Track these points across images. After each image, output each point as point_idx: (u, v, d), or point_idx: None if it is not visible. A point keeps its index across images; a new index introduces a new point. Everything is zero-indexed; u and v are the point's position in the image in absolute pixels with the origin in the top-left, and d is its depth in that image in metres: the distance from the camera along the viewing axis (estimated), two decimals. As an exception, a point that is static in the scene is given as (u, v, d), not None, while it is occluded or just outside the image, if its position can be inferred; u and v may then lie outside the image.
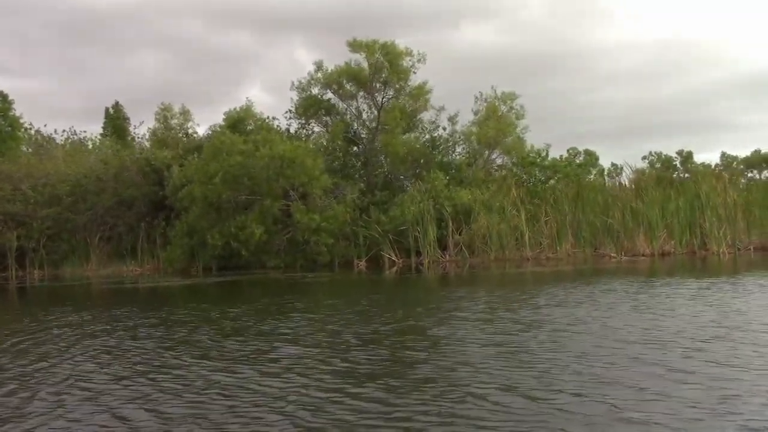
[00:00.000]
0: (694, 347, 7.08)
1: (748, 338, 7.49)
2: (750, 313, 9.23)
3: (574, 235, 22.22)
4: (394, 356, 7.43)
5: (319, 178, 23.26)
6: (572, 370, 6.25)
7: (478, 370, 6.40)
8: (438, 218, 23.78)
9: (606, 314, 9.71)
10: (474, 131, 27.18)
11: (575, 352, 7.02)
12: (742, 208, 22.60)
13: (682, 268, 18.16)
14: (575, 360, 6.68)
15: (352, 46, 26.22)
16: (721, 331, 7.99)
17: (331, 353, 7.64)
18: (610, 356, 6.80)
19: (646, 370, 6.14)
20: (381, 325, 9.53)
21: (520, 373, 6.21)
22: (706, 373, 5.97)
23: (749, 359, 6.46)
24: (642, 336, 7.86)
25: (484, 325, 9.24)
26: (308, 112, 27.43)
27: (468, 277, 19.11)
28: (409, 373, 6.56)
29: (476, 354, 7.23)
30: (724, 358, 6.49)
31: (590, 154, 53.22)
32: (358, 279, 20.01)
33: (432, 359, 7.13)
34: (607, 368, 6.31)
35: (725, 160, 58.44)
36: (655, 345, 7.29)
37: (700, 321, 8.79)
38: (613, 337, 7.86)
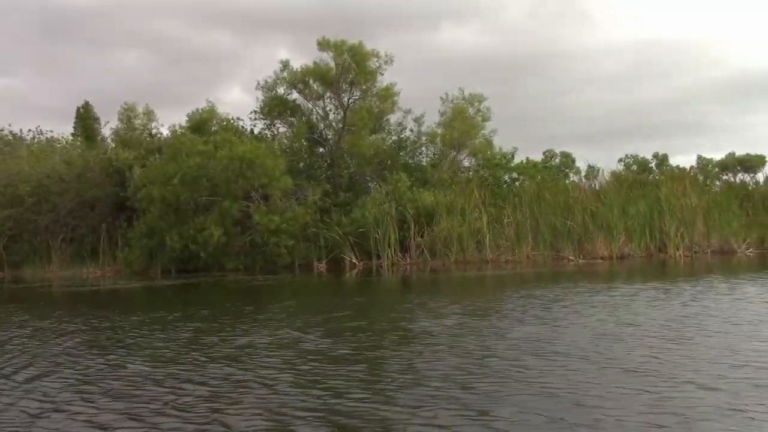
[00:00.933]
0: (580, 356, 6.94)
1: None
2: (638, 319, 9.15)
3: (534, 237, 22.09)
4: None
5: (280, 180, 23.04)
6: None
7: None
8: (401, 220, 23.63)
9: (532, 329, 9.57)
10: (439, 133, 27.03)
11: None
12: (703, 211, 22.57)
13: (628, 271, 18.17)
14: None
15: (320, 45, 26.02)
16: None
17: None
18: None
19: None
20: (322, 336, 9.29)
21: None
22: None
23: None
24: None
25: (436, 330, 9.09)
26: (273, 112, 27.18)
27: (424, 281, 19.03)
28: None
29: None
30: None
31: (566, 156, 53.18)
32: (312, 282, 19.84)
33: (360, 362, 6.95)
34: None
35: (700, 163, 58.54)
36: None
37: (573, 330, 8.67)
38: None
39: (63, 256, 26.63)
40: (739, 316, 9.26)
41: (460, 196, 23.31)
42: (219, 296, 16.58)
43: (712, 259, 20.98)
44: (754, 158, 56.57)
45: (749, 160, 56.95)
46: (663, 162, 60.23)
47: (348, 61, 25.77)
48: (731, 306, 10.29)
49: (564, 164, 52.22)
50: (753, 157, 56.69)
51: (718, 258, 21.22)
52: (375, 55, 26.18)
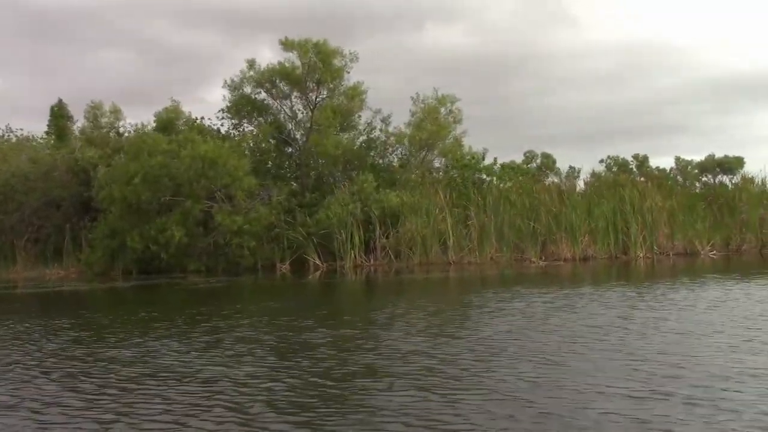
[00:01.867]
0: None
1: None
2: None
3: (498, 239, 21.92)
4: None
5: (243, 180, 22.77)
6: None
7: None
8: (367, 221, 23.41)
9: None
10: (407, 133, 26.82)
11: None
12: (668, 213, 22.46)
13: (581, 274, 18.08)
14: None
15: (284, 45, 25.73)
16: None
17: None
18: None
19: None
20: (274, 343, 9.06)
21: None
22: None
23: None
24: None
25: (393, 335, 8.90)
26: (241, 111, 26.88)
27: (380, 284, 18.91)
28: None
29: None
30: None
31: (547, 157, 53.23)
32: (272, 284, 19.63)
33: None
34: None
35: (680, 164, 58.61)
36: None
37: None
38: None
39: (27, 256, 26.30)
40: (635, 324, 9.14)
41: (426, 198, 23.08)
42: (164, 299, 16.38)
43: (674, 261, 20.88)
44: (733, 160, 56.66)
45: (728, 162, 57.06)
46: (643, 163, 60.29)
47: (313, 59, 25.53)
48: (639, 314, 10.05)
49: (545, 165, 52.26)
50: (731, 159, 56.79)
51: (680, 260, 21.13)
52: (340, 54, 25.94)
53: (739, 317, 9.29)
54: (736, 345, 7.47)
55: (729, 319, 9.19)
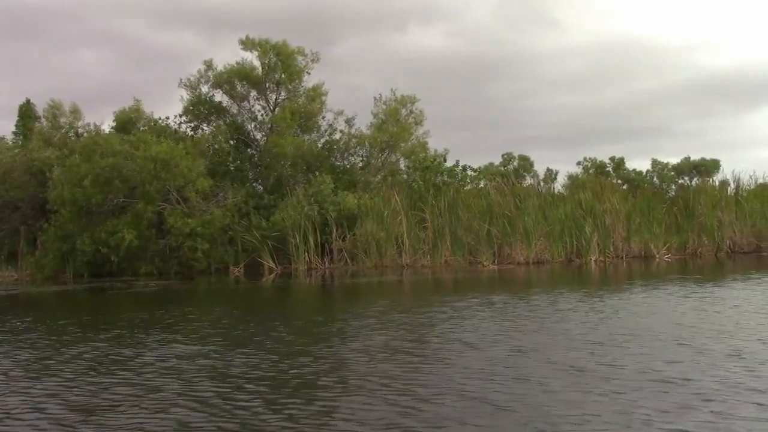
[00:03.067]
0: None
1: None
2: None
3: (452, 242, 21.69)
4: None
5: (197, 181, 22.45)
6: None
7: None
8: (324, 223, 23.15)
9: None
10: (368, 134, 26.59)
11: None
12: (625, 216, 22.29)
13: (525, 279, 17.92)
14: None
15: (244, 45, 25.46)
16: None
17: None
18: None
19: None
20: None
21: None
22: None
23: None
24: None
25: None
26: (199, 112, 26.53)
27: (331, 288, 18.63)
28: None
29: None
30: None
31: (525, 159, 53.16)
32: (222, 288, 19.28)
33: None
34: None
35: (656, 167, 58.60)
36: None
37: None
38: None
39: (-17, 258, 25.88)
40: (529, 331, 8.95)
41: (384, 200, 22.84)
42: (100, 303, 16.05)
43: (628, 264, 20.70)
44: (709, 163, 56.77)
45: (704, 164, 57.15)
46: (619, 165, 60.33)
47: (273, 60, 25.26)
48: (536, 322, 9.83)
49: (522, 167, 52.19)
50: (708, 162, 56.90)
51: (634, 263, 20.96)
52: (301, 54, 25.67)
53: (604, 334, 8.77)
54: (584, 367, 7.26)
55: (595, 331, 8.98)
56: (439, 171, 26.30)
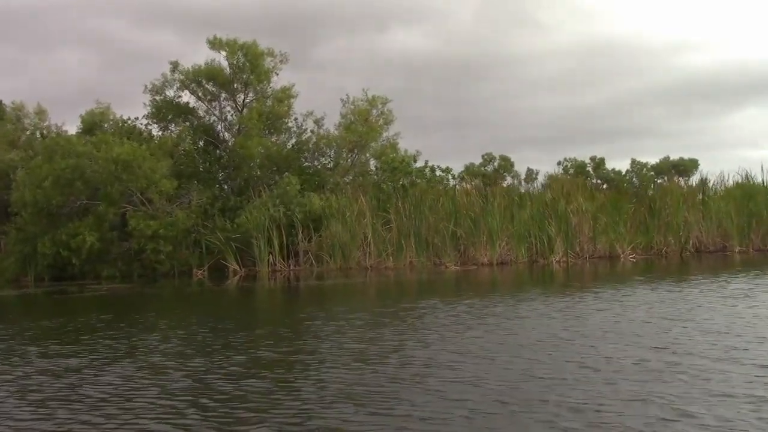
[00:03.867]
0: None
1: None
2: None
3: (417, 243, 21.51)
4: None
5: (159, 183, 22.16)
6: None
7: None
8: (290, 225, 22.92)
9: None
10: (336, 135, 26.38)
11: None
12: (592, 216, 22.18)
13: (482, 281, 17.83)
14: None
15: (212, 44, 25.12)
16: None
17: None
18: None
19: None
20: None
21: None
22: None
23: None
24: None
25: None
26: (166, 114, 26.15)
27: (292, 290, 18.50)
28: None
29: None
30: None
31: (505, 159, 53.11)
32: (183, 291, 19.07)
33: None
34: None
35: (635, 167, 58.70)
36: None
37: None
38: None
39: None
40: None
41: (349, 201, 22.64)
42: (51, 308, 15.77)
43: (591, 265, 20.61)
44: (688, 162, 56.98)
45: (683, 164, 57.35)
46: (599, 166, 60.41)
47: (242, 60, 25.01)
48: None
49: (502, 167, 52.14)
50: (686, 161, 57.11)
51: (599, 263, 20.89)
52: (270, 54, 25.43)
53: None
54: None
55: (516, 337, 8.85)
56: (408, 172, 26.12)
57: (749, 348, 7.45)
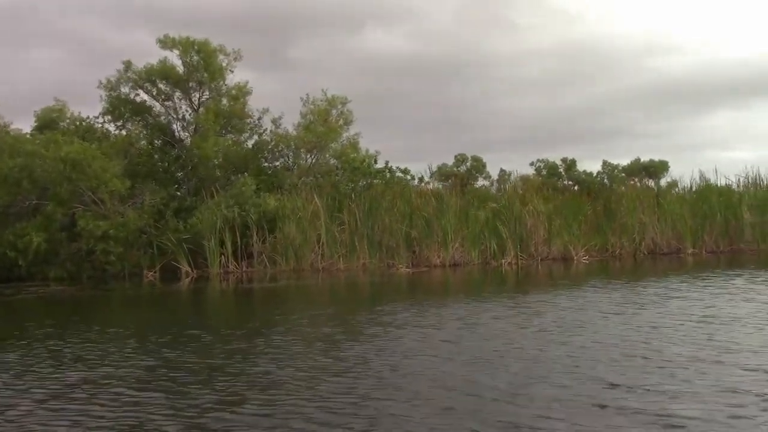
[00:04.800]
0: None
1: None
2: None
3: (369, 245, 21.33)
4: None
5: (109, 183, 21.76)
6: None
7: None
8: (244, 226, 22.64)
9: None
10: (294, 135, 26.12)
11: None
12: (547, 218, 22.11)
13: (425, 282, 17.68)
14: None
15: (162, 43, 24.73)
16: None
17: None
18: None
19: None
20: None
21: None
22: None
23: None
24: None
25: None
26: (123, 112, 25.71)
27: (238, 292, 18.28)
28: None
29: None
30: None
31: (477, 160, 53.04)
32: (129, 293, 18.69)
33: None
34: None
35: (606, 168, 58.96)
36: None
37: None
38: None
39: None
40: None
41: (305, 202, 22.41)
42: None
43: (545, 266, 20.54)
44: (658, 164, 57.21)
45: (653, 165, 57.59)
46: (571, 167, 60.49)
47: (195, 58, 24.67)
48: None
49: (474, 168, 52.09)
50: (656, 163, 57.32)
51: (553, 265, 20.82)
52: (223, 52, 25.11)
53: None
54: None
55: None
56: (368, 172, 25.92)
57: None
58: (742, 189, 24.47)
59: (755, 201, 23.40)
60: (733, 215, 23.46)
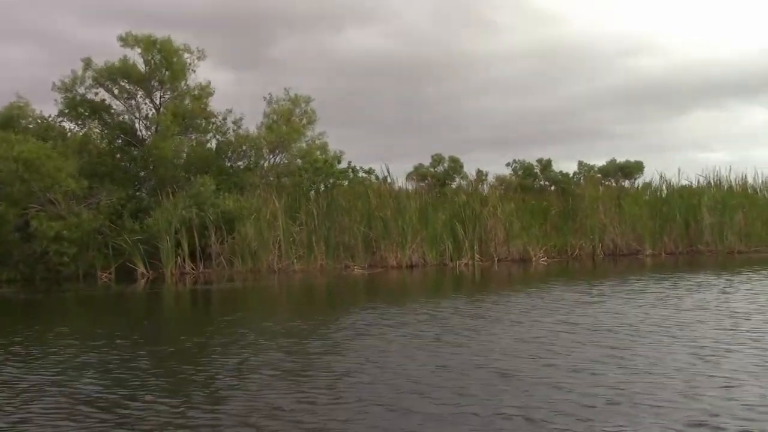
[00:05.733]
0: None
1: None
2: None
3: (326, 245, 21.13)
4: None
5: (63, 182, 21.43)
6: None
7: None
8: (203, 226, 22.37)
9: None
10: (255, 135, 25.89)
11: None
12: (506, 219, 21.99)
13: (372, 285, 17.51)
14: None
15: (124, 42, 24.40)
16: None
17: None
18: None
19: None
20: None
21: None
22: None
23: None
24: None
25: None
26: (83, 112, 25.34)
27: (185, 294, 17.99)
28: None
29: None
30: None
31: (455, 161, 52.97)
32: (80, 295, 18.33)
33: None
34: None
35: (582, 169, 58.99)
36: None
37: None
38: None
39: None
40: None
41: (264, 202, 22.19)
42: None
43: (504, 267, 20.43)
44: (633, 165, 57.40)
45: (628, 166, 57.76)
46: (546, 167, 60.55)
47: (156, 57, 24.36)
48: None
49: (451, 169, 52.00)
50: (632, 164, 57.48)
51: (512, 266, 20.70)
52: (186, 51, 24.84)
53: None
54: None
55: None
56: (330, 172, 25.72)
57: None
58: (702, 190, 24.38)
59: (714, 202, 23.35)
60: (692, 216, 23.41)
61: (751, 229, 23.55)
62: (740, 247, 22.89)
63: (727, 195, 23.65)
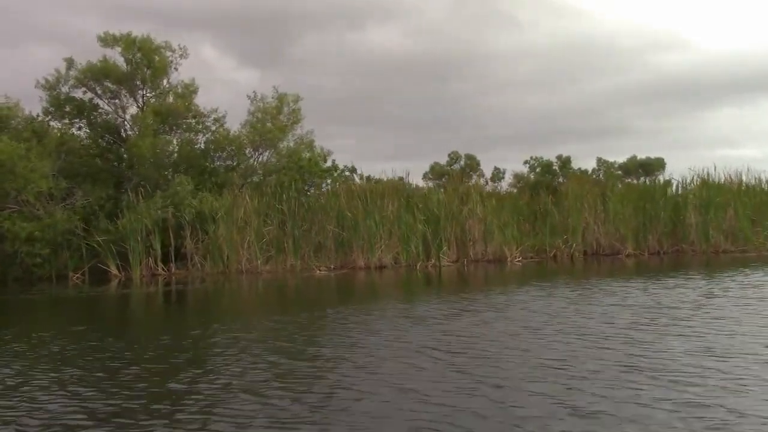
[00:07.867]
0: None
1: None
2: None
3: (295, 246, 20.75)
4: None
5: (36, 183, 21.41)
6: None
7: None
8: (179, 226, 22.21)
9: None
10: (237, 134, 25.63)
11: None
12: (482, 220, 21.33)
13: (329, 287, 17.03)
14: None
15: (103, 41, 24.37)
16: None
17: None
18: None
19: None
20: None
21: None
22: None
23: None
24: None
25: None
26: (63, 112, 25.35)
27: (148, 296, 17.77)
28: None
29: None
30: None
31: (471, 158, 52.36)
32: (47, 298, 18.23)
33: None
34: None
35: (602, 166, 57.63)
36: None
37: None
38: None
39: None
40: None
41: (235, 202, 21.91)
42: None
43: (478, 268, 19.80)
44: (654, 161, 56.12)
45: (649, 163, 56.46)
46: (566, 164, 59.30)
47: (138, 56, 24.27)
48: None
49: (468, 167, 51.38)
50: (653, 161, 56.26)
51: (488, 267, 20.06)
52: (168, 49, 24.71)
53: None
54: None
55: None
56: (313, 171, 25.35)
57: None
58: (688, 189, 23.34)
59: (699, 201, 22.31)
60: (677, 215, 22.42)
61: (740, 228, 22.37)
62: (726, 246, 21.83)
63: (713, 192, 22.50)
